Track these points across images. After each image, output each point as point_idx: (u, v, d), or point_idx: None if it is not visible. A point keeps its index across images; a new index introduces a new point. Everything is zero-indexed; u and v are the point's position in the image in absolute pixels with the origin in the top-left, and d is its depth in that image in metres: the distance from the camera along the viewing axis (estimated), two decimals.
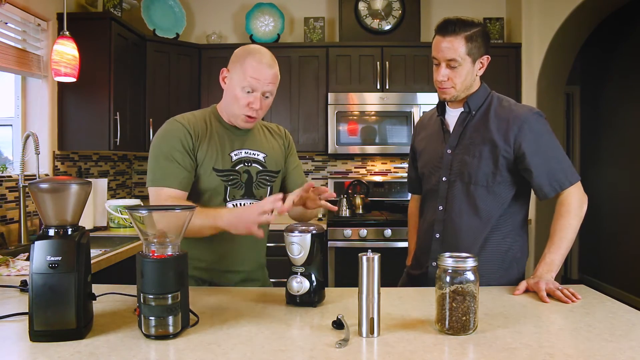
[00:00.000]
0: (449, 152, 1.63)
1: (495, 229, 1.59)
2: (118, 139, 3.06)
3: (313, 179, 4.11)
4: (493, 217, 1.58)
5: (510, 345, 1.02)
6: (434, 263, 1.60)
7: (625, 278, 4.79)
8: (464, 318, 1.08)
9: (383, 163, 4.14)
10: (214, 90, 3.72)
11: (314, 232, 1.28)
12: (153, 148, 1.52)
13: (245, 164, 1.59)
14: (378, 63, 3.73)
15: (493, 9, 4.08)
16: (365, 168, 4.15)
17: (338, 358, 0.96)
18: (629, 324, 1.16)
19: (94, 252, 2.27)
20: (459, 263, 1.10)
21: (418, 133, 1.83)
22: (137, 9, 3.66)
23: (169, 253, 1.08)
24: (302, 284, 1.28)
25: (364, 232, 3.39)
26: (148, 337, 1.05)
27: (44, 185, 1.06)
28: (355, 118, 3.71)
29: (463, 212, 1.59)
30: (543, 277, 1.43)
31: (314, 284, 1.29)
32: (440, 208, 1.64)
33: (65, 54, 2.66)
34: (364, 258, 1.07)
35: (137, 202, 3.17)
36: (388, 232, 3.38)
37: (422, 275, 1.68)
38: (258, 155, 1.62)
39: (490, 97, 1.64)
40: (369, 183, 3.98)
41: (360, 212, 3.76)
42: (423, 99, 3.67)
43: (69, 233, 1.07)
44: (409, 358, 0.96)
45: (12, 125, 2.91)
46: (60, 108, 3.02)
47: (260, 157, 1.63)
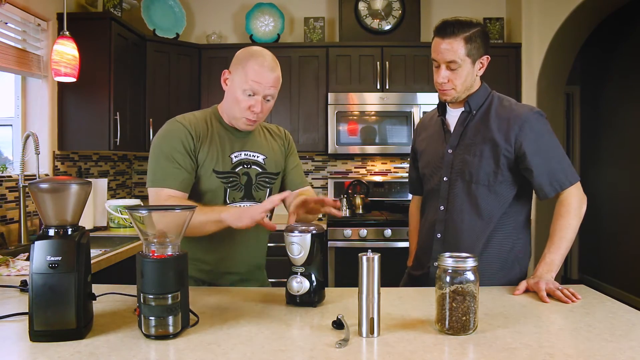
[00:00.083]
0: (450, 151, 1.63)
1: (498, 229, 1.59)
2: (118, 139, 3.06)
3: (313, 179, 4.11)
4: (495, 216, 1.58)
5: (510, 345, 1.02)
6: (435, 263, 1.60)
7: (625, 278, 4.79)
8: (464, 318, 1.08)
9: (383, 163, 4.14)
10: (214, 90, 3.72)
11: (314, 232, 1.28)
12: (154, 148, 1.51)
13: (245, 166, 1.59)
14: (378, 63, 3.73)
15: (493, 9, 4.09)
16: (365, 168, 4.15)
17: (338, 358, 0.96)
18: (629, 324, 1.16)
19: (94, 252, 2.27)
20: (459, 263, 1.10)
21: (419, 134, 1.83)
22: (137, 9, 3.66)
23: (169, 253, 1.08)
24: (302, 284, 1.28)
25: (364, 232, 3.39)
26: (148, 337, 1.05)
27: (44, 185, 1.06)
28: (355, 118, 3.71)
29: (464, 211, 1.59)
30: (543, 277, 1.43)
31: (314, 284, 1.29)
32: (442, 208, 1.63)
33: (65, 54, 2.66)
34: (364, 258, 1.07)
35: (137, 202, 3.17)
36: (388, 232, 3.38)
37: (423, 276, 1.68)
38: (258, 157, 1.62)
39: (491, 96, 1.64)
40: (369, 183, 3.98)
41: (360, 212, 3.76)
42: (423, 99, 3.67)
43: (69, 233, 1.07)
44: (409, 358, 0.96)
45: (12, 125, 2.91)
46: (60, 108, 3.02)
47: (260, 159, 1.62)
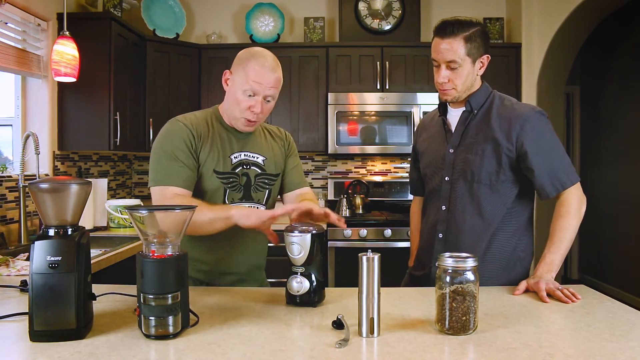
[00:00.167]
0: (452, 151, 1.63)
1: (500, 229, 1.58)
2: (118, 139, 3.06)
3: (313, 179, 4.11)
4: (497, 216, 1.58)
5: (510, 345, 1.02)
6: (437, 263, 1.60)
7: (625, 278, 4.79)
8: (464, 318, 1.08)
9: (383, 163, 4.14)
10: (214, 90, 3.72)
11: (314, 232, 1.28)
12: (155, 148, 1.51)
13: (244, 167, 1.59)
14: (378, 63, 3.73)
15: (493, 9, 4.09)
16: (365, 168, 4.15)
17: (338, 358, 0.96)
18: (629, 324, 1.16)
19: (94, 252, 2.27)
20: (459, 263, 1.10)
21: (420, 134, 1.82)
22: (137, 9, 3.66)
23: (169, 253, 1.08)
24: (302, 284, 1.28)
25: (364, 232, 3.39)
26: (148, 337, 1.05)
27: (44, 185, 1.06)
28: (355, 118, 3.71)
29: (466, 211, 1.59)
30: (543, 277, 1.43)
31: (314, 284, 1.29)
32: (443, 208, 1.63)
33: (65, 54, 2.65)
34: (364, 258, 1.07)
35: (137, 202, 3.17)
36: (388, 232, 3.38)
37: (424, 276, 1.68)
38: (257, 158, 1.62)
39: (492, 96, 1.64)
40: (369, 183, 3.98)
41: (360, 212, 3.76)
42: (423, 99, 3.67)
43: (69, 233, 1.07)
44: (409, 358, 0.96)
45: (12, 125, 2.91)
46: (60, 108, 3.02)
47: (260, 160, 1.62)
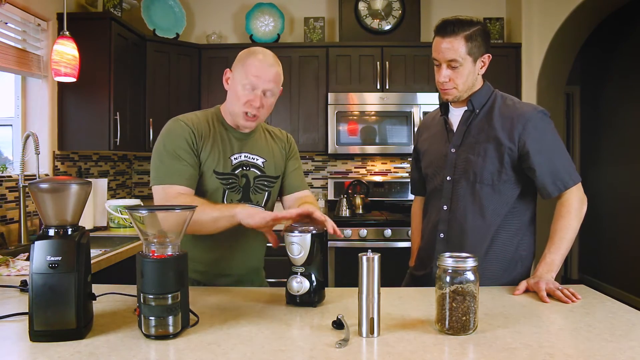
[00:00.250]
0: (453, 151, 1.62)
1: (502, 229, 1.58)
2: (118, 139, 3.06)
3: (313, 179, 4.11)
4: (499, 216, 1.57)
5: (510, 345, 1.02)
6: (437, 263, 1.60)
7: (625, 278, 4.79)
8: (464, 318, 1.08)
9: (383, 163, 4.14)
10: (214, 90, 3.72)
11: (314, 232, 1.28)
12: (157, 147, 1.51)
13: (244, 168, 1.59)
14: (378, 63, 3.73)
15: (493, 9, 4.09)
16: (365, 168, 4.15)
17: (338, 358, 0.96)
18: (629, 324, 1.16)
19: (94, 252, 2.27)
20: (459, 263, 1.10)
21: (421, 134, 1.82)
22: (137, 9, 3.66)
23: (169, 253, 1.08)
24: (302, 284, 1.28)
25: (364, 232, 3.39)
26: (148, 337, 1.05)
27: (44, 185, 1.06)
28: (355, 118, 3.71)
29: (468, 211, 1.59)
30: (543, 277, 1.42)
31: (314, 284, 1.29)
32: (445, 208, 1.63)
33: (65, 54, 2.65)
34: (364, 258, 1.07)
35: (137, 202, 3.17)
36: (388, 232, 3.38)
37: (425, 276, 1.68)
38: (257, 160, 1.62)
39: (494, 95, 1.63)
40: (369, 183, 3.98)
41: (360, 212, 3.76)
42: (423, 99, 3.67)
43: (69, 233, 1.07)
44: (409, 358, 0.96)
45: (12, 125, 2.91)
46: (60, 108, 3.02)
47: (259, 161, 1.62)
